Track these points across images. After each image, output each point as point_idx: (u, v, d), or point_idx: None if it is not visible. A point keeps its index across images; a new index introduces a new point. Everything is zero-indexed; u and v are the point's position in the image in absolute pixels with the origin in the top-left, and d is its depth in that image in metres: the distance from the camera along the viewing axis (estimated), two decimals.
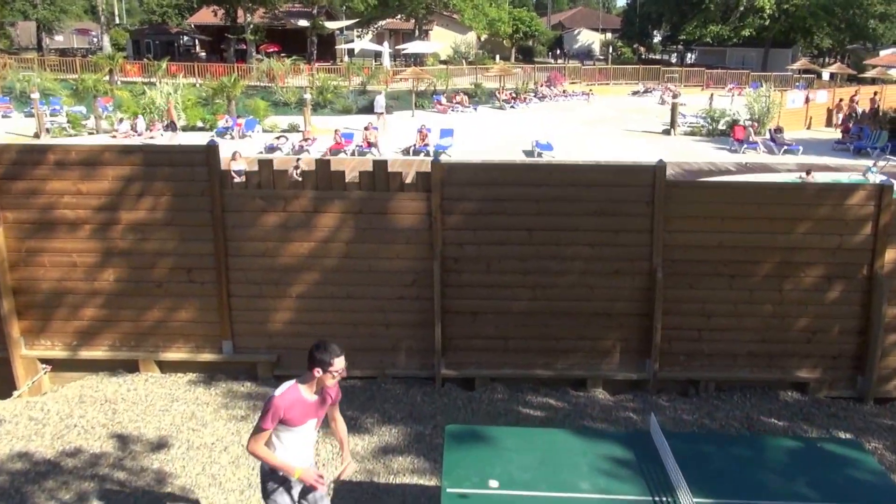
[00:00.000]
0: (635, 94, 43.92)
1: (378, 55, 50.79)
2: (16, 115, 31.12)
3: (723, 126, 27.98)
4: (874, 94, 31.53)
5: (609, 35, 75.78)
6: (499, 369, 7.46)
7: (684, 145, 26.09)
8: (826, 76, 45.04)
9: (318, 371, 4.08)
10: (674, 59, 70.25)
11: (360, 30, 58.24)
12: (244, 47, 50.91)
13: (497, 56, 63.07)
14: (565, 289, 7.27)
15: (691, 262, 7.21)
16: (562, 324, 7.36)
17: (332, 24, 53.78)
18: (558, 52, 74.62)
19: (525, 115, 34.26)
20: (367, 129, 24.37)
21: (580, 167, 8.36)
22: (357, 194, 7.14)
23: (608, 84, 47.32)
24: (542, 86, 42.46)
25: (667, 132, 28.61)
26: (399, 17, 56.56)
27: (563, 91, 42.19)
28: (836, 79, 42.74)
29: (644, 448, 4.62)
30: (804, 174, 19.48)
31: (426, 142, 23.85)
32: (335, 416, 4.51)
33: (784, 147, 24.36)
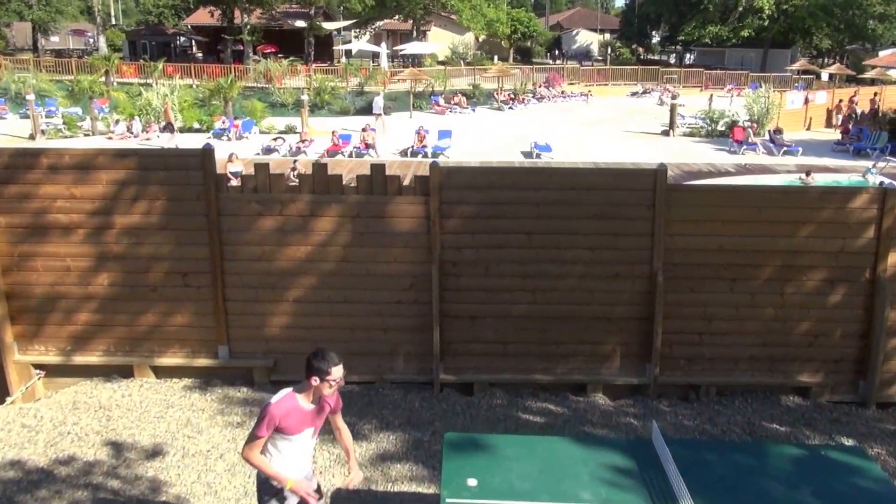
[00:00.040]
0: (634, 94, 43.81)
1: (376, 56, 50.69)
2: (11, 116, 31.08)
3: (722, 127, 27.94)
4: (874, 94, 31.49)
5: (607, 36, 75.78)
6: (498, 374, 7.39)
7: (683, 146, 26.04)
8: (825, 77, 45.03)
9: (315, 380, 4.01)
10: (672, 60, 70.18)
11: (357, 30, 58.10)
12: (241, 48, 50.75)
13: (495, 57, 63.04)
14: (565, 292, 7.22)
15: (692, 266, 7.16)
16: (561, 328, 7.30)
17: (329, 25, 53.67)
18: (556, 52, 74.53)
19: (523, 117, 34.17)
20: (364, 130, 24.28)
21: (580, 171, 8.32)
22: (354, 198, 7.08)
23: (607, 85, 47.21)
24: (540, 87, 42.34)
25: (666, 133, 28.56)
26: (397, 17, 56.45)
27: (562, 92, 42.10)
28: (834, 79, 42.74)
29: (646, 456, 4.57)
30: (804, 175, 19.45)
31: (424, 143, 23.75)
32: (338, 425, 4.40)
33: (783, 148, 24.32)
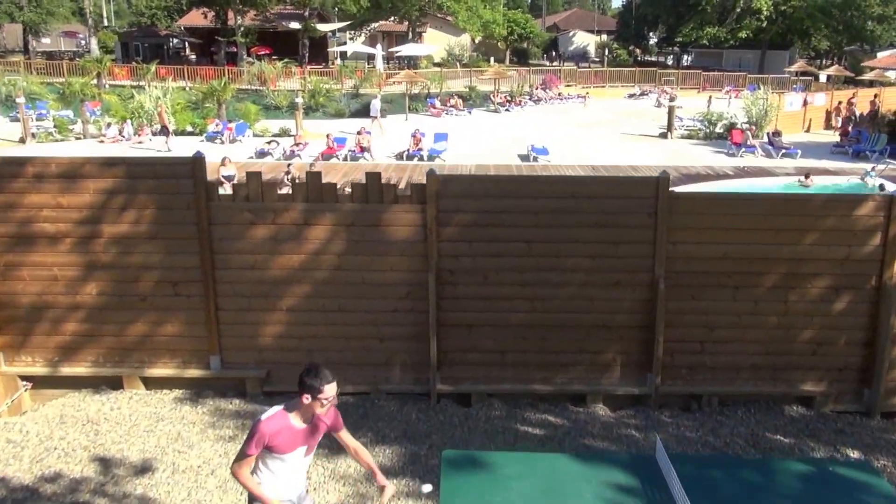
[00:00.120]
0: (631, 96, 43.69)
1: (371, 58, 50.43)
2: (1, 119, 30.80)
3: (720, 129, 27.86)
4: (874, 96, 31.40)
5: (604, 37, 75.69)
6: (496, 384, 7.24)
7: (681, 149, 25.93)
8: (823, 78, 44.98)
9: (306, 398, 3.84)
10: (670, 62, 70.05)
11: (352, 32, 57.86)
12: (235, 50, 50.40)
13: (491, 58, 62.87)
14: (565, 300, 7.08)
15: (694, 274, 7.03)
16: (561, 337, 7.16)
17: (324, 27, 53.41)
18: (553, 54, 74.38)
19: (520, 119, 34.01)
20: (360, 133, 24.11)
21: (581, 179, 8.19)
22: (349, 206, 6.92)
23: (604, 87, 47.12)
24: (537, 88, 42.21)
25: (663, 135, 28.45)
26: (392, 19, 56.28)
27: (559, 94, 41.98)
28: (832, 81, 42.71)
29: (649, 473, 4.46)
30: (803, 178, 19.37)
31: (420, 146, 23.59)
32: (348, 443, 4.17)
33: (782, 150, 24.22)
